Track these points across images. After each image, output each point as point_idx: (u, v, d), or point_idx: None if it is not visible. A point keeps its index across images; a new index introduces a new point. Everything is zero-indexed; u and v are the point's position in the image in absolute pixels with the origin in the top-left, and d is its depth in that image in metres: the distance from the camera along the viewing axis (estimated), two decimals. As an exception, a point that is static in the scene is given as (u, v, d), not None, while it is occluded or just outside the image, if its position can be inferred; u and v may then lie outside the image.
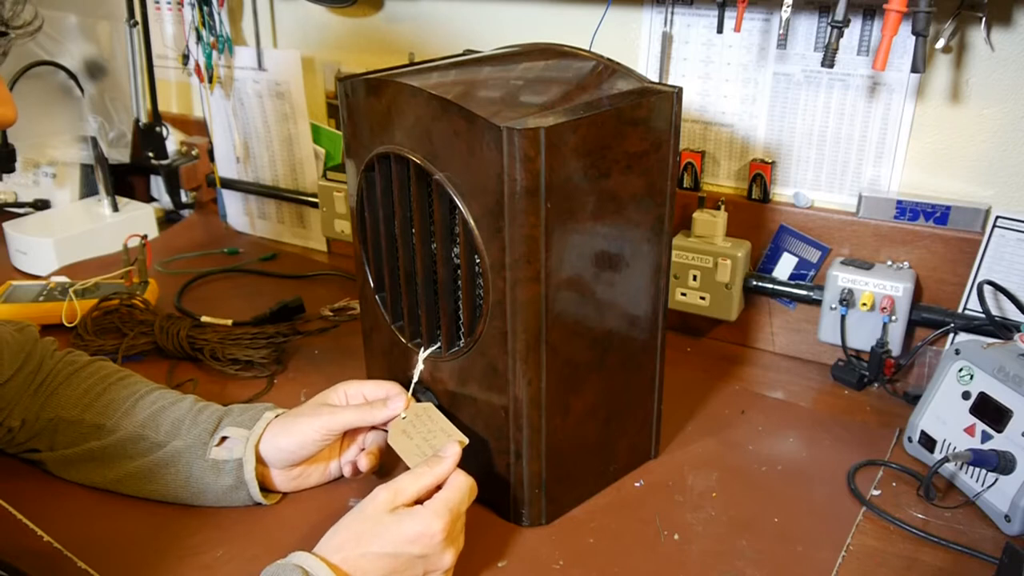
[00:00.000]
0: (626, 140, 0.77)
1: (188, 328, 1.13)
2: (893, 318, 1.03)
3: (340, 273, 1.42)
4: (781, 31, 1.05)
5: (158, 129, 1.53)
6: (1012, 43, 0.95)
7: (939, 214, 1.02)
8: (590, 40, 1.15)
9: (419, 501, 0.73)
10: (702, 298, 1.14)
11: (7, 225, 1.47)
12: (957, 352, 0.91)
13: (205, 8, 1.42)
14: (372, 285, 0.92)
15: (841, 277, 1.05)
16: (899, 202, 1.04)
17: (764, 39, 1.09)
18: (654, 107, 0.78)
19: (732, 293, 1.12)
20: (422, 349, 0.86)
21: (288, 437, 0.84)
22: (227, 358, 1.10)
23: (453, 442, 0.78)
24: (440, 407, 0.86)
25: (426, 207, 0.81)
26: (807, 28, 1.06)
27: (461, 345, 0.82)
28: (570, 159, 0.73)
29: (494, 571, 0.78)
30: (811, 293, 1.10)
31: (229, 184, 1.57)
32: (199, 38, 1.45)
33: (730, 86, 1.13)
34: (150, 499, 0.86)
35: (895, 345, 1.05)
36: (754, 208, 1.13)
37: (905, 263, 1.05)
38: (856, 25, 1.02)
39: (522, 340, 0.76)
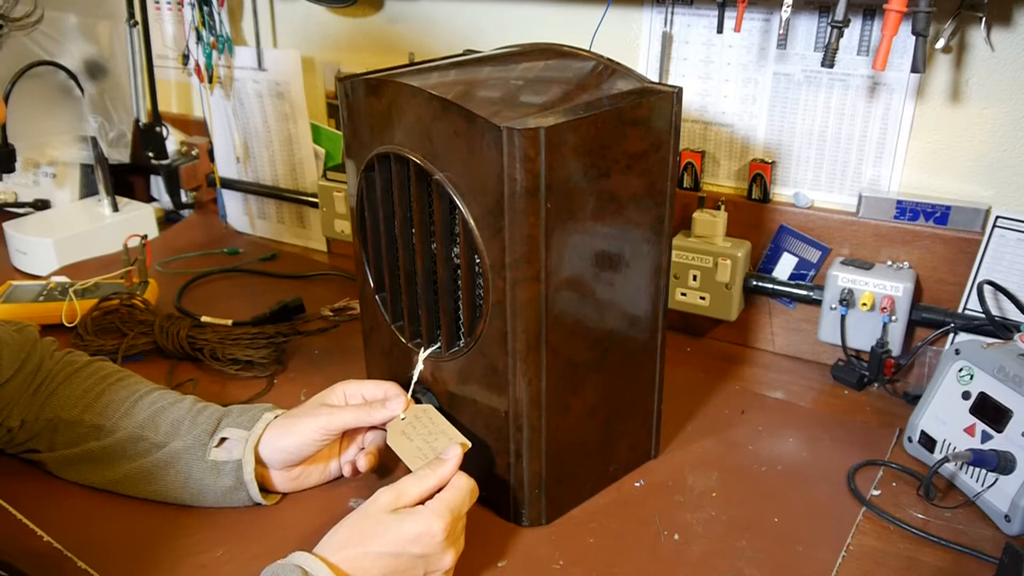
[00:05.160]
0: (626, 140, 0.77)
1: (188, 328, 1.13)
2: (893, 318, 1.03)
3: (340, 273, 1.42)
4: (781, 31, 1.05)
5: (158, 129, 1.53)
6: (1012, 43, 0.95)
7: (939, 214, 1.02)
8: (590, 40, 1.15)
9: (421, 503, 0.73)
10: (702, 298, 1.14)
11: (7, 225, 1.47)
12: (957, 352, 0.91)
13: (205, 8, 1.42)
14: (372, 285, 0.92)
15: (841, 277, 1.05)
16: (899, 202, 1.04)
17: (764, 39, 1.09)
18: (654, 107, 0.78)
19: (732, 293, 1.12)
20: (422, 349, 0.86)
21: (287, 438, 0.84)
22: (227, 358, 1.10)
23: (455, 445, 0.78)
24: (440, 408, 0.86)
25: (426, 207, 0.81)
26: (807, 28, 1.06)
27: (461, 345, 0.82)
28: (570, 159, 0.73)
29: (494, 571, 0.78)
30: (811, 293, 1.10)
31: (229, 184, 1.57)
32: (199, 38, 1.45)
33: (730, 86, 1.13)
34: (150, 499, 0.86)
35: (895, 345, 1.05)
36: (754, 208, 1.13)
37: (905, 263, 1.05)
38: (856, 25, 1.02)
39: (522, 340, 0.76)
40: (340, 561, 0.69)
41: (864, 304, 1.03)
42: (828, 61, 0.94)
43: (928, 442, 0.91)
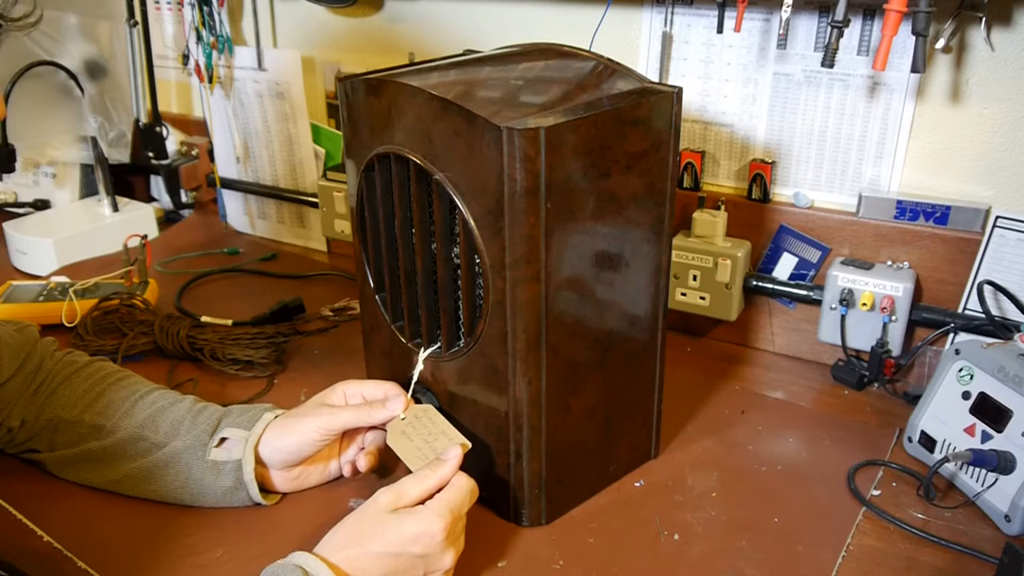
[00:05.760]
0: (626, 140, 0.77)
1: (188, 328, 1.13)
2: (893, 318, 1.03)
3: (340, 273, 1.42)
4: (781, 31, 1.05)
5: (158, 129, 1.53)
6: (1012, 43, 0.95)
7: (939, 214, 1.02)
8: (590, 40, 1.15)
9: (421, 503, 0.73)
10: (702, 298, 1.14)
11: (7, 225, 1.47)
12: (957, 352, 0.91)
13: (205, 8, 1.42)
14: (372, 285, 0.92)
15: (841, 277, 1.05)
16: (899, 202, 1.04)
17: (764, 39, 1.09)
18: (654, 107, 0.78)
19: (732, 293, 1.12)
20: (422, 349, 0.86)
21: (287, 438, 0.84)
22: (227, 358, 1.10)
23: (455, 445, 0.78)
24: (440, 408, 0.86)
25: (426, 207, 0.81)
26: (807, 28, 1.06)
27: (461, 345, 0.82)
28: (570, 159, 0.73)
29: (494, 571, 0.78)
30: (811, 293, 1.10)
31: (229, 184, 1.57)
32: (199, 38, 1.45)
33: (730, 86, 1.13)
34: (150, 499, 0.86)
35: (895, 345, 1.05)
36: (754, 208, 1.13)
37: (905, 263, 1.05)
38: (856, 25, 1.02)
39: (522, 340, 0.76)
40: (340, 561, 0.69)
41: (864, 304, 1.03)
42: (828, 61, 0.94)
43: (928, 442, 0.91)
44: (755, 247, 1.14)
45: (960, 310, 1.02)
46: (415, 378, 0.86)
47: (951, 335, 1.02)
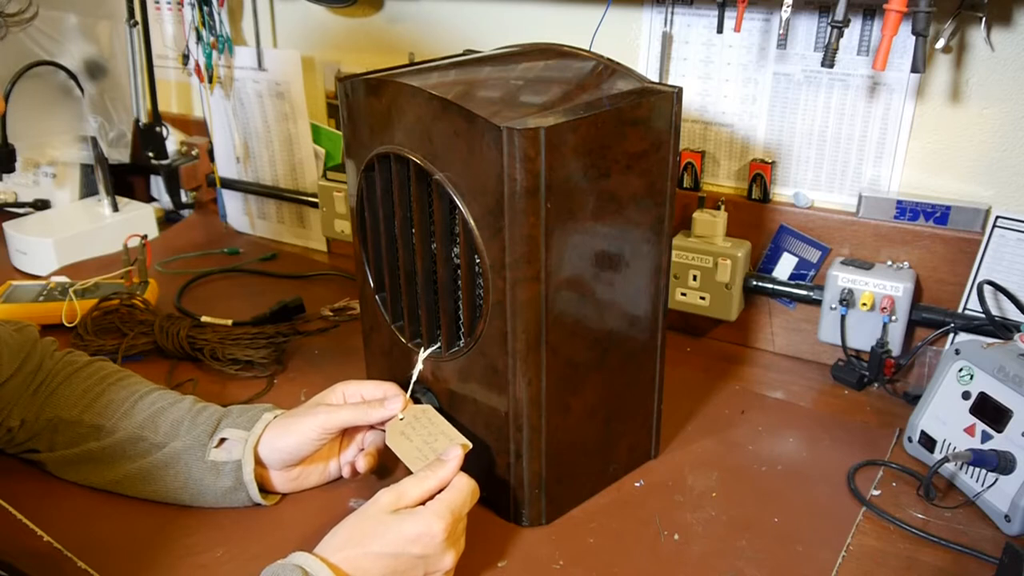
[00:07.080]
0: (626, 140, 0.77)
1: (188, 328, 1.13)
2: (893, 318, 1.03)
3: (340, 273, 1.42)
4: (781, 31, 1.05)
5: (158, 129, 1.53)
6: (1012, 43, 0.95)
7: (939, 214, 1.02)
8: (590, 40, 1.15)
9: (421, 504, 0.73)
10: (702, 298, 1.14)
11: (7, 225, 1.47)
12: (957, 352, 0.91)
13: (205, 8, 1.42)
14: (372, 285, 0.92)
15: (841, 277, 1.05)
16: (899, 202, 1.04)
17: (764, 39, 1.09)
18: (654, 107, 0.78)
19: (732, 293, 1.12)
20: (422, 349, 0.86)
21: (286, 438, 0.84)
22: (227, 358, 1.10)
23: (456, 445, 0.78)
24: (440, 408, 0.86)
25: (426, 207, 0.81)
26: (807, 28, 1.06)
27: (461, 345, 0.82)
28: (570, 159, 0.73)
29: (494, 571, 0.78)
30: (811, 293, 1.10)
31: (229, 184, 1.58)
32: (199, 38, 1.45)
33: (730, 86, 1.13)
34: (149, 500, 0.85)
35: (895, 345, 1.05)
36: (754, 208, 1.13)
37: (905, 263, 1.05)
38: (856, 25, 1.02)
39: (522, 340, 0.76)
40: (340, 561, 0.69)
41: (864, 304, 1.03)
42: (828, 61, 0.94)
43: (928, 442, 0.91)
44: (755, 247, 1.14)
45: (960, 310, 1.02)
46: (415, 378, 0.86)
47: (951, 335, 1.02)
